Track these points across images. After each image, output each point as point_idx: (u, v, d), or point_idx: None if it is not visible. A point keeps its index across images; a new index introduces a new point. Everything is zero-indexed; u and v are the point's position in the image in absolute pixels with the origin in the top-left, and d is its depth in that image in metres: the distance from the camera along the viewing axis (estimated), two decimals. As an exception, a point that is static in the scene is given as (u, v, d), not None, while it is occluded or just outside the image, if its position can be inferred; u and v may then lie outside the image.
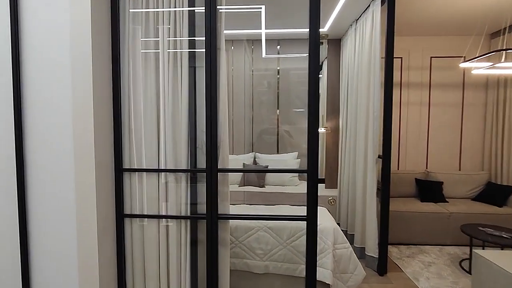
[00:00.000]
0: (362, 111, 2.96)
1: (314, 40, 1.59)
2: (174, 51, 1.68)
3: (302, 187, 3.54)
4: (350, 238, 3.10)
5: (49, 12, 1.48)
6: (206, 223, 1.69)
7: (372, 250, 2.73)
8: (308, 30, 1.58)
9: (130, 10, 1.67)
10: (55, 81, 1.50)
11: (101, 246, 1.56)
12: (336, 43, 3.82)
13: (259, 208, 2.59)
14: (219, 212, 1.69)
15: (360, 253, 2.88)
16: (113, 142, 1.67)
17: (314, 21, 1.58)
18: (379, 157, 2.77)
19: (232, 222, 2.10)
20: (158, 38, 1.68)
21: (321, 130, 3.85)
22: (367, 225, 2.80)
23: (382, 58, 2.70)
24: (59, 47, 1.48)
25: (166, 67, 1.67)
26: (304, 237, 1.76)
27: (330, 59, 3.87)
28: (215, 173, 1.66)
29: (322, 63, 4.02)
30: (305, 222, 1.67)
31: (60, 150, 1.52)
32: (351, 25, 3.34)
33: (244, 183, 3.52)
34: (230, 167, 1.77)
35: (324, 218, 2.35)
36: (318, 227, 1.66)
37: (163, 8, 1.67)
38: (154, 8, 1.68)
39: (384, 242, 2.69)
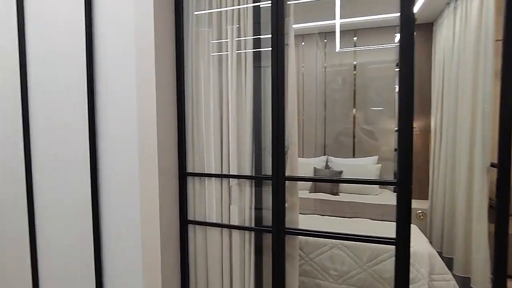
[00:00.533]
0: (465, 108, 2.38)
1: (408, 23, 1.25)
2: (238, 52, 1.55)
3: (383, 197, 3.08)
4: (447, 262, 2.53)
5: (116, 19, 1.49)
6: (271, 237, 1.49)
7: (482, 283, 2.15)
8: (398, 14, 1.25)
9: (195, 13, 1.60)
10: (123, 86, 1.51)
11: (164, 252, 1.52)
12: (426, 28, 3.23)
13: (333, 220, 2.28)
14: (286, 226, 1.48)
15: (463, 284, 2.31)
16: (177, 145, 1.61)
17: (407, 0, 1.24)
18: (491, 165, 2.18)
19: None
20: (223, 39, 1.58)
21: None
22: (474, 250, 2.22)
23: (496, 41, 2.11)
24: (125, 53, 1.49)
25: (230, 69, 1.56)
26: (390, 261, 1.42)
27: (418, 48, 3.30)
28: (282, 181, 1.46)
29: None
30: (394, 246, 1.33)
31: (126, 153, 1.52)
32: (449, 3, 2.76)
33: (315, 189, 3.23)
34: (300, 173, 1.54)
35: (416, 238, 1.92)
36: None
37: (226, 7, 1.56)
38: (217, 8, 1.58)
39: (501, 275, 2.08)
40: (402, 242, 1.30)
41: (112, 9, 1.50)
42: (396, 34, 3.30)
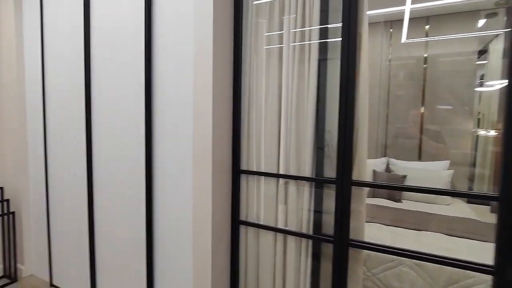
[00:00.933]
0: None
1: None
2: (302, 43, 1.40)
3: (456, 208, 2.68)
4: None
5: (176, 14, 1.46)
6: (333, 248, 1.32)
7: None
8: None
9: (254, 3, 1.48)
10: (179, 80, 1.47)
11: (215, 251, 1.45)
12: (521, 11, 2.71)
13: (397, 232, 2.02)
14: (350, 237, 1.30)
15: None
16: (231, 141, 1.52)
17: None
18: None
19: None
20: (284, 30, 1.44)
21: (483, 132, 2.85)
22: None
23: None
24: (183, 47, 1.44)
25: (291, 62, 1.41)
26: (476, 289, 1.16)
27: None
28: (348, 186, 1.28)
29: (489, 43, 2.97)
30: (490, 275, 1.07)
31: (180, 149, 1.49)
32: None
33: (373, 193, 2.95)
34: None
35: None
36: None
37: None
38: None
39: None
40: (505, 272, 1.04)
41: (171, 5, 1.46)
42: (480, 20, 2.84)
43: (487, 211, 2.85)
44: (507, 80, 1.04)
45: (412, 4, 2.75)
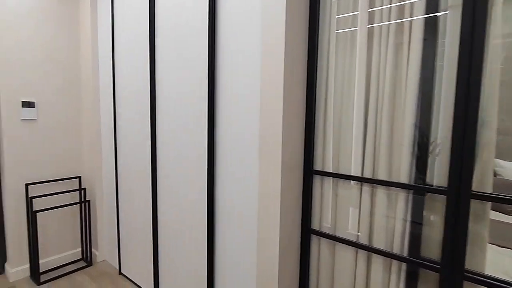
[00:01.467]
0: None
1: None
2: (398, 21, 1.09)
3: None
4: None
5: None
6: (439, 279, 1.01)
7: None
8: None
9: None
10: (245, 70, 1.30)
11: (282, 263, 1.26)
12: None
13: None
14: (466, 267, 0.97)
15: None
16: (304, 137, 1.29)
17: None
18: None
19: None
20: (373, 7, 1.14)
21: None
22: None
23: None
24: (250, 35, 1.27)
25: (384, 45, 1.12)
26: None
27: None
28: (466, 199, 0.95)
29: None
30: None
31: (246, 144, 1.32)
32: None
33: (469, 201, 2.41)
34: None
35: None
36: None
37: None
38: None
39: None
40: None
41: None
42: None
43: None
44: None
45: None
